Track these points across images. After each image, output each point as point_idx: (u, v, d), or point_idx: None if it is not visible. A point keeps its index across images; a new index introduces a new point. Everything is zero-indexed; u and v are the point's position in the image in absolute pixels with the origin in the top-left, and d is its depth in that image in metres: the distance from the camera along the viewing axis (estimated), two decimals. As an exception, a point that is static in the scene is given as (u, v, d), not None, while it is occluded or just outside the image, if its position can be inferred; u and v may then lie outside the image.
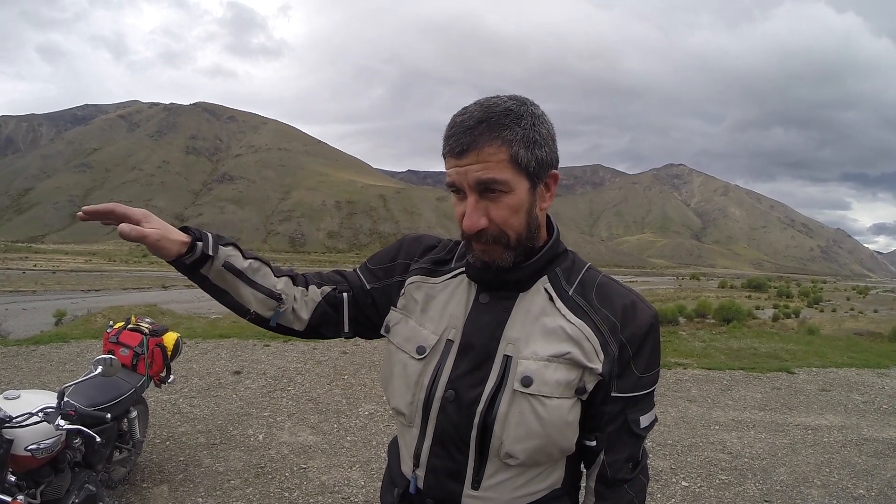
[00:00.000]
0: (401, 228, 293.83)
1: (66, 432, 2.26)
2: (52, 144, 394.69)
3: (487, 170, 0.98)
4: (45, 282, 47.87)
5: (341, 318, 1.25)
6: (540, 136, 1.01)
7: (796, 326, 15.77)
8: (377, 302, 1.24)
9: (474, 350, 1.07)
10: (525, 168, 1.00)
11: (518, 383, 1.02)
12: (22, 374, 6.08)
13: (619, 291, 1.10)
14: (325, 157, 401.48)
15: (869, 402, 6.32)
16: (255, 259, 1.18)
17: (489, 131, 0.98)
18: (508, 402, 1.02)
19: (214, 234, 1.14)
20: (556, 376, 1.01)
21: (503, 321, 1.07)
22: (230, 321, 10.95)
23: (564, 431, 1.03)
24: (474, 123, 0.98)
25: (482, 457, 1.05)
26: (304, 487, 3.75)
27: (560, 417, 1.01)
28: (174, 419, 4.86)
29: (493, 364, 1.05)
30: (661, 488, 3.97)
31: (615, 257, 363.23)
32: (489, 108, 0.99)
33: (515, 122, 0.98)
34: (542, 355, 1.03)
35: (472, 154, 0.98)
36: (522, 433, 1.01)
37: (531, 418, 1.01)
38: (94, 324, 10.00)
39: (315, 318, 1.23)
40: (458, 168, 1.00)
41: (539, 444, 1.02)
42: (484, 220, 1.01)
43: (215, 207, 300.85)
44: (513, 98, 1.02)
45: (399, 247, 1.29)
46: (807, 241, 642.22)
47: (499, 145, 0.98)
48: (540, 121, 1.02)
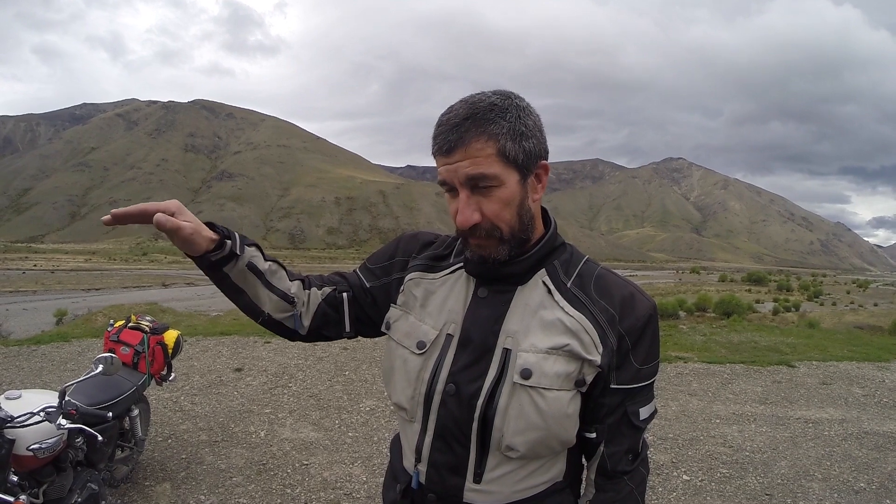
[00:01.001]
0: (400, 224, 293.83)
1: (67, 431, 2.25)
2: (51, 144, 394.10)
3: (476, 165, 0.99)
4: (45, 281, 47.91)
5: (342, 318, 1.26)
6: (526, 127, 1.01)
7: (796, 320, 15.79)
8: (377, 300, 1.25)
9: (473, 344, 1.08)
10: (514, 161, 1.00)
11: (517, 376, 1.02)
12: (23, 374, 6.08)
13: (617, 283, 1.10)
14: (323, 153, 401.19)
15: (869, 395, 6.33)
16: (273, 262, 1.21)
17: (475, 127, 0.98)
18: (508, 394, 1.03)
19: (240, 234, 1.16)
20: (556, 368, 1.02)
21: (502, 315, 1.08)
22: (231, 318, 10.96)
23: (564, 423, 1.03)
24: (460, 120, 0.99)
25: (483, 450, 1.06)
26: (306, 484, 3.76)
27: (560, 409, 1.02)
28: (176, 417, 4.87)
29: (493, 357, 1.06)
30: (663, 482, 3.98)
31: (615, 251, 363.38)
32: (474, 104, 1.00)
33: (501, 116, 0.99)
34: (540, 347, 1.03)
35: (460, 151, 0.99)
36: (523, 425, 1.02)
37: (531, 410, 1.01)
38: (94, 323, 10.01)
39: (316, 320, 1.25)
40: (447, 166, 1.01)
41: (539, 436, 1.02)
42: (477, 214, 1.02)
43: (215, 205, 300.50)
44: (497, 93, 1.03)
45: (397, 244, 1.30)
46: (807, 235, 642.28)
47: (485, 140, 0.98)
48: (525, 113, 1.02)
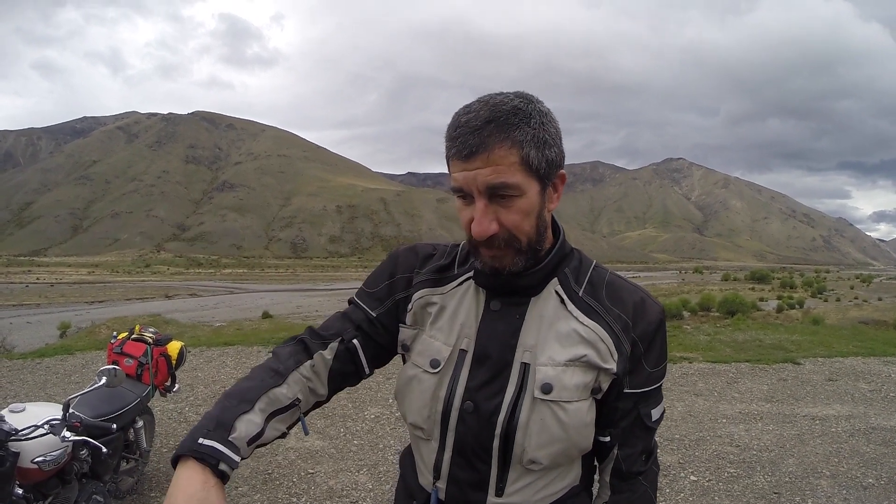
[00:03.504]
0: (402, 231, 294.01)
1: (72, 444, 2.26)
2: (52, 158, 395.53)
3: (498, 174, 0.92)
4: (48, 294, 48.01)
5: (360, 365, 1.16)
6: (549, 135, 0.96)
7: (801, 317, 15.76)
8: (387, 327, 1.17)
9: (491, 360, 1.04)
10: (536, 170, 0.95)
11: (538, 391, 1.00)
12: (27, 388, 6.08)
13: (627, 289, 1.09)
14: (324, 162, 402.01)
15: (876, 390, 6.31)
16: (263, 401, 1.01)
17: (498, 132, 0.92)
18: (529, 409, 1.00)
19: (248, 434, 0.97)
20: (574, 380, 1.01)
21: (518, 328, 1.05)
22: (234, 329, 10.98)
23: (584, 432, 1.03)
24: (482, 124, 0.92)
25: (505, 465, 1.03)
26: (311, 492, 3.75)
27: (580, 420, 1.01)
28: (181, 428, 4.86)
29: (511, 373, 1.03)
30: (670, 483, 3.96)
31: (617, 253, 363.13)
32: (496, 106, 0.93)
33: (525, 122, 0.93)
34: (559, 360, 1.01)
35: (482, 157, 0.92)
36: (546, 439, 1.00)
37: (553, 424, 1.00)
38: (98, 335, 10.02)
39: (333, 383, 1.14)
40: (465, 172, 0.95)
41: (562, 448, 1.01)
42: (495, 225, 0.96)
43: (216, 216, 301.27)
44: (519, 95, 0.97)
45: (395, 262, 1.21)
46: (808, 231, 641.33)
47: (509, 147, 0.92)
48: (548, 119, 0.97)
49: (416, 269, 1.18)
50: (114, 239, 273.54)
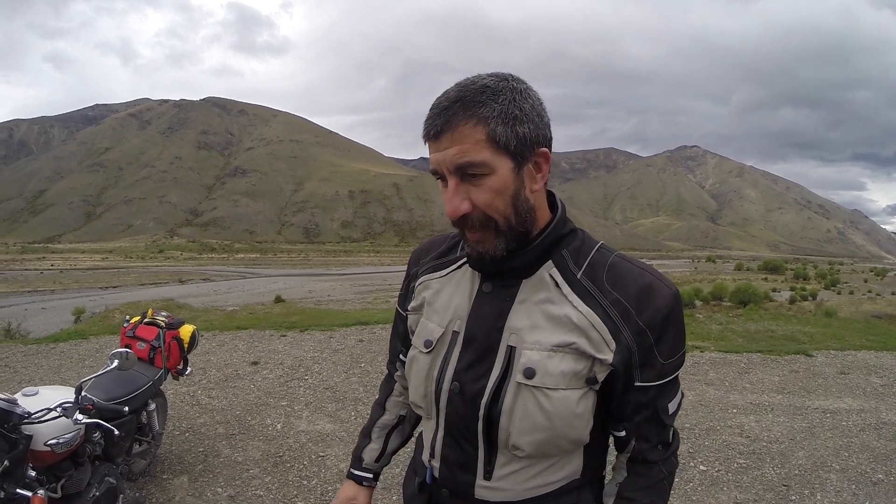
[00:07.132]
0: (414, 216, 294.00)
1: (84, 426, 2.28)
2: (65, 146, 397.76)
3: (464, 153, 0.92)
4: (62, 281, 48.51)
5: None
6: (521, 111, 0.93)
7: (813, 309, 15.60)
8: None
9: (477, 342, 1.04)
10: (505, 146, 0.93)
11: (521, 375, 0.99)
12: (42, 372, 6.17)
13: (632, 272, 1.02)
14: (336, 147, 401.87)
15: (888, 385, 6.25)
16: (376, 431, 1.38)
17: (463, 110, 0.92)
18: (513, 394, 0.99)
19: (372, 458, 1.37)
20: (562, 367, 0.98)
21: (505, 311, 1.03)
22: (247, 313, 11.06)
23: (573, 423, 0.99)
24: (449, 104, 0.93)
25: (492, 448, 1.04)
26: (322, 475, 3.79)
27: (567, 409, 0.98)
28: (193, 411, 4.92)
29: (497, 356, 1.02)
30: (679, 472, 3.93)
31: (630, 241, 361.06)
32: (466, 86, 0.94)
33: (492, 99, 0.92)
34: (545, 345, 0.99)
35: (447, 136, 0.93)
36: (528, 426, 0.99)
37: (536, 411, 0.98)
38: (111, 320, 10.14)
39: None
40: (437, 153, 0.95)
41: (545, 436, 0.99)
42: (466, 204, 0.96)
43: (229, 201, 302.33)
44: (493, 75, 0.96)
45: (411, 260, 1.30)
46: (823, 223, 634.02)
47: (474, 124, 0.92)
48: (522, 95, 0.95)
49: (422, 259, 1.24)
50: (127, 225, 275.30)
